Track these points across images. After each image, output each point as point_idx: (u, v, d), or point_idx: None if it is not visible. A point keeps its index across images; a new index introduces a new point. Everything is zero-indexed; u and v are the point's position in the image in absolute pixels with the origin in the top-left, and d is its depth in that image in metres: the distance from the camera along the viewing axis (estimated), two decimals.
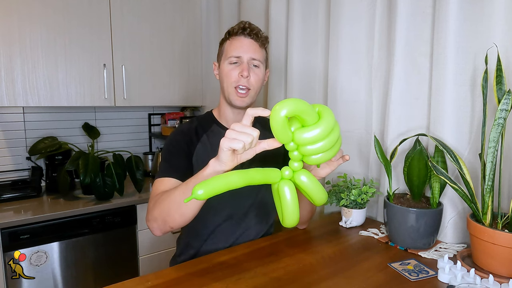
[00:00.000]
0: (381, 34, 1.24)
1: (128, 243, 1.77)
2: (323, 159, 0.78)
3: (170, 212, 0.86)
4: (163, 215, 0.88)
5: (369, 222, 1.22)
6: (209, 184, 0.73)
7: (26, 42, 1.64)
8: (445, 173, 0.91)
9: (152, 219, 0.91)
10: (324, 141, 0.75)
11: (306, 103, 0.74)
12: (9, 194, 1.71)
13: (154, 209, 0.90)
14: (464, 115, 1.03)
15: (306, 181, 0.81)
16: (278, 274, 0.85)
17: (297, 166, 0.80)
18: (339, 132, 0.81)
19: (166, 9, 2.02)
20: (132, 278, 0.83)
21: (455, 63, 1.01)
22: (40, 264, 1.54)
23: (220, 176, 0.75)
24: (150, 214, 0.92)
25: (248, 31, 1.03)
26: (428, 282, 0.82)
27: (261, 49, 1.06)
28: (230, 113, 1.09)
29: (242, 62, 1.03)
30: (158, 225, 0.90)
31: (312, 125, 0.74)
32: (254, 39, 1.04)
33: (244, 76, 1.01)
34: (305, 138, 0.74)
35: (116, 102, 1.89)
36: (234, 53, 1.03)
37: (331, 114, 0.76)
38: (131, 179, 1.80)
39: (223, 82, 1.06)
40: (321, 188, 0.85)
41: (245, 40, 1.04)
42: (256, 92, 1.06)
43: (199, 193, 0.71)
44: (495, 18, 0.94)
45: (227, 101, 1.07)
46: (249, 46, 1.03)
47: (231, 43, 1.05)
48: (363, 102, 1.31)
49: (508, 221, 0.86)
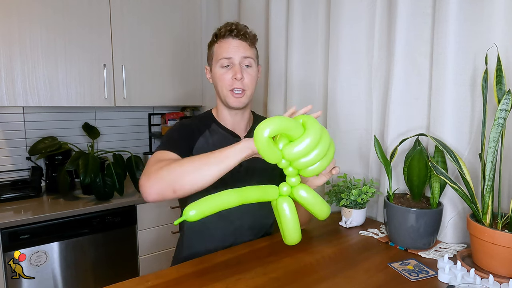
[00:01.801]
0: (381, 34, 1.24)
1: (128, 243, 1.77)
2: (321, 167, 0.76)
3: (182, 176, 0.81)
4: (172, 176, 0.81)
5: (369, 222, 1.22)
6: (202, 204, 0.72)
7: (26, 42, 1.64)
8: (445, 173, 0.91)
9: (158, 178, 0.82)
10: (317, 150, 0.73)
11: (288, 118, 0.73)
12: (9, 194, 1.71)
13: (162, 170, 0.83)
14: (464, 115, 1.03)
15: (306, 196, 0.80)
16: (278, 274, 0.85)
17: (295, 182, 0.79)
18: (329, 137, 0.79)
19: (166, 9, 2.02)
20: (132, 278, 0.83)
21: (455, 63, 1.01)
22: (40, 264, 1.54)
23: (214, 196, 0.74)
24: (155, 174, 0.83)
25: (235, 33, 1.02)
26: (428, 282, 0.82)
27: (251, 48, 1.06)
28: (228, 115, 1.09)
29: (233, 64, 1.02)
30: (161, 186, 0.82)
31: (299, 138, 0.72)
32: (243, 39, 1.03)
33: (238, 78, 1.01)
34: (295, 153, 0.72)
35: (116, 102, 1.89)
36: (224, 54, 1.02)
37: (315, 122, 0.74)
38: (131, 179, 1.80)
39: (217, 85, 1.06)
40: (322, 201, 0.84)
41: (233, 41, 1.02)
42: (252, 92, 1.06)
43: (191, 214, 0.71)
44: (495, 18, 0.94)
45: (223, 103, 1.07)
46: (239, 47, 1.02)
47: (220, 45, 1.04)
48: (363, 102, 1.31)
49: (508, 221, 0.86)
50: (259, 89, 1.83)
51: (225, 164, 0.80)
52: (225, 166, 0.80)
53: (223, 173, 0.80)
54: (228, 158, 0.80)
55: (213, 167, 0.80)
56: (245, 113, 1.11)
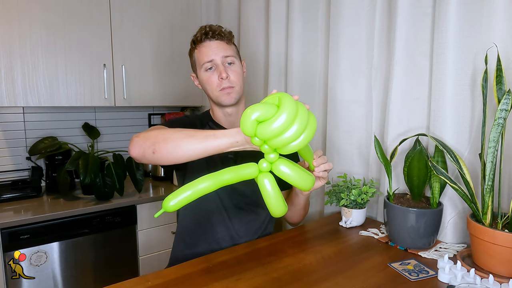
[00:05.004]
0: (381, 34, 1.25)
1: (128, 243, 1.77)
2: (304, 141, 0.73)
3: (165, 140, 0.82)
4: (156, 139, 0.83)
5: (369, 222, 1.22)
6: (179, 193, 0.73)
7: (26, 42, 1.64)
8: (445, 173, 0.91)
9: (145, 137, 0.85)
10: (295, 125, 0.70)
11: (267, 104, 0.71)
12: (9, 194, 1.71)
13: (151, 131, 0.86)
14: (464, 115, 1.03)
15: (287, 171, 0.78)
16: (278, 274, 0.85)
17: (273, 157, 0.76)
18: (306, 111, 0.74)
19: (166, 9, 2.02)
20: (132, 278, 0.82)
21: (455, 63, 1.01)
22: (40, 264, 1.54)
23: (189, 184, 0.74)
24: (144, 133, 0.87)
25: (211, 34, 1.04)
26: (428, 282, 0.82)
27: (230, 45, 1.07)
28: (221, 115, 1.11)
29: (216, 65, 1.04)
30: (144, 144, 0.84)
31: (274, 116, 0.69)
32: (219, 39, 1.05)
33: (224, 78, 1.02)
34: (270, 131, 0.69)
35: (116, 102, 1.89)
36: (205, 58, 1.03)
37: (290, 99, 0.71)
38: (131, 179, 1.80)
39: (206, 89, 1.08)
40: (304, 173, 0.82)
41: (211, 43, 1.04)
42: (241, 86, 1.07)
43: (171, 204, 0.72)
44: (495, 18, 0.94)
45: (217, 104, 1.09)
46: (218, 48, 1.04)
47: (200, 51, 1.05)
48: (363, 102, 1.31)
49: (508, 221, 0.86)
50: (259, 89, 1.83)
51: (209, 143, 0.78)
52: (209, 145, 0.78)
53: (205, 153, 0.79)
54: (215, 139, 0.78)
55: (197, 141, 0.79)
56: (240, 111, 1.11)
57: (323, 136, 1.48)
